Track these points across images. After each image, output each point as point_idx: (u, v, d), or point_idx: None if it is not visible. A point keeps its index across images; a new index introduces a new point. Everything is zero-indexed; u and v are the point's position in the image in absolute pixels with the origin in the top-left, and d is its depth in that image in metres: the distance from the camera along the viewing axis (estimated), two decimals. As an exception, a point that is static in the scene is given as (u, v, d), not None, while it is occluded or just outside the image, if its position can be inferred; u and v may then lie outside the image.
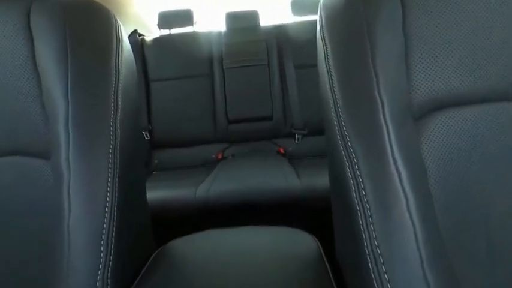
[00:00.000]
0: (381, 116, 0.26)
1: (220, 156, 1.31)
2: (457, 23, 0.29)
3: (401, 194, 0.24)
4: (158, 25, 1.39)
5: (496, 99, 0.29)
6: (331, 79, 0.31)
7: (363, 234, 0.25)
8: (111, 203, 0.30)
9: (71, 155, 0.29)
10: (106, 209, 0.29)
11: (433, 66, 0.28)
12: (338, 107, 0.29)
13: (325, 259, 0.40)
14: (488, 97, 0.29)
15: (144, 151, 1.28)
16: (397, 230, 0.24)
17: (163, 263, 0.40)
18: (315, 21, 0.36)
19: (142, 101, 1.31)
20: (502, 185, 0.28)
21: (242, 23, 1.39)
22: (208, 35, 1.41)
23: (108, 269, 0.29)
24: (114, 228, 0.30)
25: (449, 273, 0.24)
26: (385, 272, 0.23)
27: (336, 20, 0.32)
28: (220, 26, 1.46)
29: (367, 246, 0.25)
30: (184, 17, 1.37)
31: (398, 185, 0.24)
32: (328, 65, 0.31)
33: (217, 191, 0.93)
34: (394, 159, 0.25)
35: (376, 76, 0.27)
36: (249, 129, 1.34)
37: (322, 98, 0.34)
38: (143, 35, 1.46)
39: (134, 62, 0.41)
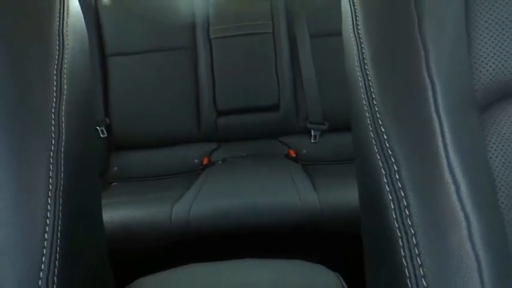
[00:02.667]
0: (432, 107, 0.21)
1: (205, 162, 1.04)
2: None
3: (461, 215, 0.19)
4: None
5: None
6: (362, 54, 0.25)
7: (407, 271, 0.20)
8: (53, 230, 0.22)
9: None
10: (45, 239, 0.22)
11: (504, 43, 0.23)
12: (372, 93, 0.24)
13: None
14: None
15: (98, 154, 1.03)
16: (454, 267, 0.19)
17: None
18: None
19: (97, 83, 1.03)
20: None
21: None
22: None
23: None
24: (56, 266, 0.22)
25: (506, 255, 0.21)
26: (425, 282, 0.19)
27: None
28: None
29: (410, 282, 0.19)
30: None
31: (457, 202, 0.19)
32: (357, 33, 0.26)
33: (201, 211, 0.74)
34: (449, 166, 0.20)
35: (426, 50, 0.22)
36: (246, 123, 1.07)
37: (349, 80, 0.28)
38: None
39: (85, 30, 0.33)
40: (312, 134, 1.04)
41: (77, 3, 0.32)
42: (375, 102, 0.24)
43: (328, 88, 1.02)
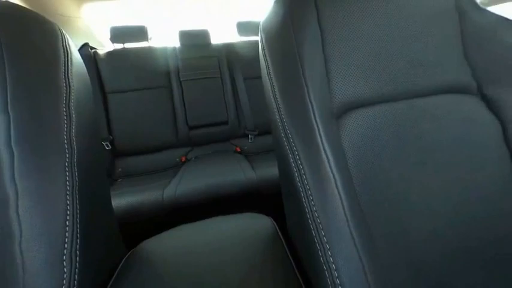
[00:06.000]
0: (313, 117, 0.28)
1: (183, 159, 1.22)
2: (364, 47, 0.33)
3: (331, 175, 0.26)
4: (111, 39, 1.24)
5: (400, 98, 0.33)
6: (274, 88, 0.31)
7: (306, 209, 0.27)
8: (73, 217, 0.26)
9: (16, 174, 0.24)
10: (67, 225, 0.25)
11: (345, 79, 0.31)
12: (281, 111, 0.30)
13: (280, 235, 0.41)
14: (394, 97, 0.33)
15: (104, 161, 1.12)
16: (330, 202, 0.26)
17: (135, 263, 0.36)
18: (257, 41, 0.38)
19: (100, 112, 1.15)
20: (403, 166, 0.30)
21: (195, 41, 1.35)
22: (164, 50, 1.32)
23: (74, 283, 0.25)
24: (78, 242, 0.26)
25: (366, 229, 0.27)
26: (324, 236, 0.25)
27: (273, 41, 0.33)
28: (170, 42, 1.39)
29: (309, 218, 0.26)
30: (139, 32, 1.26)
31: (328, 169, 0.26)
32: (270, 77, 0.32)
33: (184, 190, 0.87)
34: (324, 149, 0.27)
35: (307, 86, 0.29)
36: (208, 133, 1.29)
37: (267, 103, 0.34)
38: (95, 48, 1.29)
39: (87, 74, 0.36)
40: (249, 137, 1.30)
41: (79, 55, 0.35)
42: (283, 116, 0.30)
43: (257, 109, 1.30)
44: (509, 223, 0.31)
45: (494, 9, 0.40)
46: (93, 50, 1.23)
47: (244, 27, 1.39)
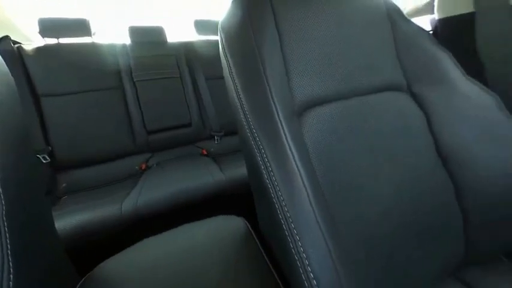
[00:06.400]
0: (276, 116, 0.29)
1: (144, 167, 1.13)
2: (319, 50, 0.36)
3: (296, 170, 0.28)
4: (40, 33, 1.05)
5: (351, 96, 0.36)
6: (236, 88, 0.31)
7: (276, 205, 0.27)
8: (2, 249, 0.22)
9: None
10: None
11: (303, 79, 0.33)
12: (245, 110, 0.30)
13: (253, 234, 0.41)
14: (346, 95, 0.36)
15: (40, 177, 0.95)
16: (297, 195, 0.27)
17: None
18: (217, 41, 0.38)
19: (32, 119, 0.97)
20: (356, 156, 0.34)
21: (148, 38, 1.25)
22: (111, 47, 1.19)
23: None
24: (11, 279, 0.22)
25: (330, 216, 0.29)
26: (294, 228, 0.26)
27: (233, 41, 0.33)
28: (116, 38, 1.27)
29: (280, 212, 0.27)
30: (79, 26, 1.10)
31: (294, 164, 0.28)
32: (233, 76, 0.32)
33: (147, 201, 0.80)
34: (289, 146, 0.28)
35: (269, 85, 0.30)
36: (170, 137, 1.22)
37: (231, 103, 0.34)
38: (19, 43, 1.07)
39: (9, 73, 0.32)
40: (215, 138, 1.28)
41: None
42: (248, 116, 0.30)
43: (221, 110, 1.27)
44: (436, 197, 0.37)
45: (416, 20, 0.48)
46: (16, 45, 1.02)
47: (202, 26, 1.35)
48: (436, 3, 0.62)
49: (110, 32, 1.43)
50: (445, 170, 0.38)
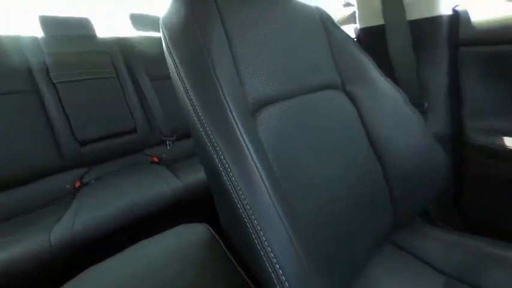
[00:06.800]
0: (230, 115, 0.29)
1: (78, 185, 0.94)
2: (267, 51, 0.37)
3: (254, 167, 0.28)
4: None
5: (297, 95, 0.39)
6: (186, 89, 0.31)
7: (238, 204, 0.28)
8: None
9: None
10: None
11: (255, 79, 0.35)
12: (198, 112, 0.30)
13: (217, 237, 0.41)
14: (293, 94, 0.39)
15: None
16: (257, 191, 0.28)
17: None
18: (160, 38, 0.36)
19: None
20: (305, 150, 0.37)
21: (68, 31, 1.04)
22: (15, 40, 0.94)
23: None
24: None
25: (289, 207, 0.30)
26: (257, 224, 0.27)
27: (178, 40, 0.33)
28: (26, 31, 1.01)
29: (242, 211, 0.27)
30: None
31: (252, 161, 0.28)
32: (181, 77, 0.31)
33: (86, 223, 0.68)
34: (246, 144, 0.29)
35: (221, 86, 0.30)
36: (110, 146, 1.06)
37: (183, 105, 0.33)
38: None
39: None
40: (167, 143, 1.18)
41: None
42: (201, 117, 0.29)
43: (171, 112, 1.17)
44: (370, 178, 0.44)
45: (345, 28, 0.56)
46: None
47: (140, 21, 1.22)
48: (357, 15, 0.73)
49: (19, 24, 1.15)
50: (375, 155, 0.45)
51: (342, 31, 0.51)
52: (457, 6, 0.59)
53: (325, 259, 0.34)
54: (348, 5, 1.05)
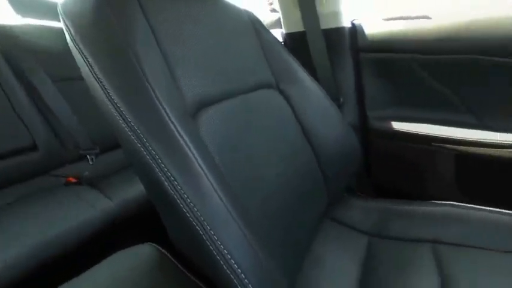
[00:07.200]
0: (168, 119, 0.27)
1: None
2: (201, 50, 0.36)
3: (200, 170, 0.27)
4: None
5: (237, 94, 0.40)
6: (107, 92, 0.28)
7: (187, 214, 0.26)
8: None
9: None
10: None
11: (191, 79, 0.33)
12: (127, 118, 0.27)
13: (164, 252, 0.39)
14: (232, 93, 0.39)
15: None
16: (207, 195, 0.27)
17: None
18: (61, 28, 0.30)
19: None
20: (249, 148, 0.38)
21: None
22: None
23: None
24: None
25: (239, 203, 0.30)
26: (211, 230, 0.26)
27: (89, 33, 0.29)
28: None
29: (192, 219, 0.26)
30: None
31: (197, 165, 0.27)
32: (98, 79, 0.28)
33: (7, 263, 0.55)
34: (188, 148, 0.27)
35: (152, 87, 0.27)
36: (3, 170, 0.81)
37: (105, 111, 0.30)
38: None
39: None
40: (88, 158, 0.98)
41: None
42: (132, 124, 0.27)
43: (89, 120, 0.96)
44: (307, 167, 0.49)
45: (273, 31, 0.62)
46: None
47: (23, 5, 0.94)
48: (282, 21, 0.81)
49: None
50: (309, 146, 0.51)
51: (271, 34, 0.55)
52: (354, 20, 0.74)
53: (277, 246, 0.36)
54: (274, 10, 1.14)
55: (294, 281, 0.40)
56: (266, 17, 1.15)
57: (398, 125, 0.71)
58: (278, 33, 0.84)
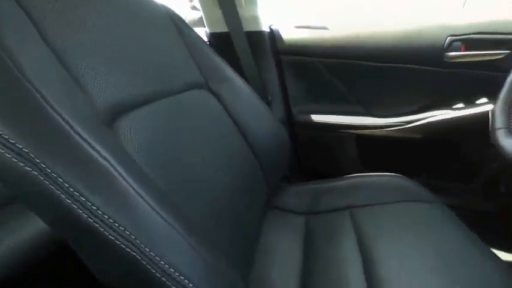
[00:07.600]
0: (73, 133, 0.23)
1: None
2: (109, 45, 0.31)
3: (128, 186, 0.24)
4: None
5: (164, 96, 0.37)
6: None
7: (117, 240, 0.22)
8: None
9: None
10: None
11: (100, 80, 0.28)
12: (9, 140, 0.21)
13: None
14: (158, 96, 0.36)
15: None
16: (140, 212, 0.24)
17: None
18: None
19: None
20: (184, 151, 0.36)
21: None
22: None
23: None
24: None
25: (179, 212, 0.28)
26: (146, 247, 0.23)
27: None
28: None
29: (125, 244, 0.22)
30: None
31: (122, 180, 0.24)
32: None
33: None
34: (108, 162, 0.23)
35: (42, 94, 0.22)
36: None
37: None
38: None
39: None
40: None
41: None
42: (18, 146, 0.21)
43: None
44: (244, 161, 0.50)
45: (196, 30, 0.60)
46: None
47: None
48: (204, 20, 0.79)
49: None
50: (245, 142, 0.52)
51: (194, 31, 0.53)
52: (271, 25, 0.81)
53: (227, 246, 0.35)
54: (194, 8, 1.10)
55: (247, 276, 0.40)
56: (187, 14, 1.10)
57: (316, 117, 0.83)
58: (201, 32, 0.82)
